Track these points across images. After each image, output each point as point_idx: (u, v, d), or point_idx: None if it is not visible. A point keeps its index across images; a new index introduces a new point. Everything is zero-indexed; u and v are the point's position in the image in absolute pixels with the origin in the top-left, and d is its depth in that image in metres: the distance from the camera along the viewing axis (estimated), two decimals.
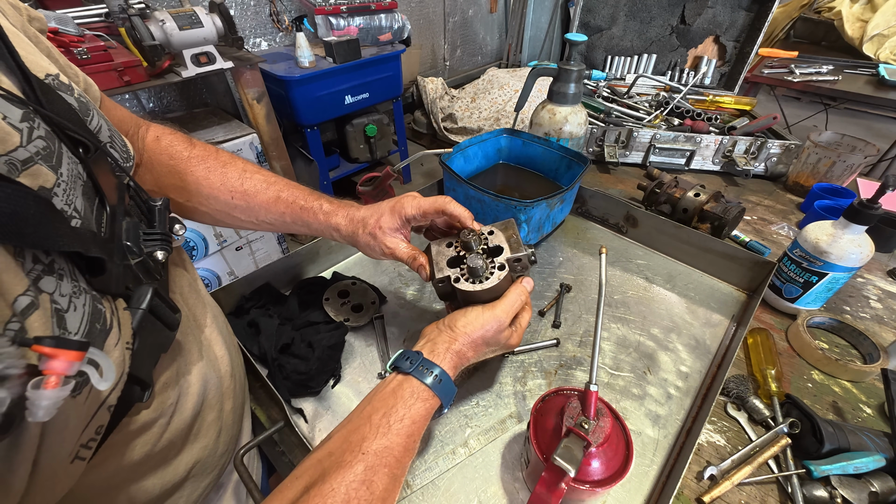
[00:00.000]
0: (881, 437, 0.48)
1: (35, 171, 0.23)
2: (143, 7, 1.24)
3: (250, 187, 0.50)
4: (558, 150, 0.86)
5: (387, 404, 0.38)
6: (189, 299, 0.42)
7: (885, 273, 0.78)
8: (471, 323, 0.44)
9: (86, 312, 0.25)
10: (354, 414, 0.39)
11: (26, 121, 0.24)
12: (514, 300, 0.46)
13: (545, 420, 0.43)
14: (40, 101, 0.26)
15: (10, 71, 0.25)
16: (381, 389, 0.40)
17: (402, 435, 0.37)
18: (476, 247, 0.48)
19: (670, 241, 0.79)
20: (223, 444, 0.44)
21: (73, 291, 0.24)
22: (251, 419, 0.55)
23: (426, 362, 0.41)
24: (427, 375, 0.40)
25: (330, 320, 0.63)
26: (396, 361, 0.42)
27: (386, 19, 2.09)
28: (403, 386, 0.40)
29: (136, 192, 0.35)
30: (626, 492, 0.47)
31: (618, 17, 1.43)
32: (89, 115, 0.32)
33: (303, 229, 0.52)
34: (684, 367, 0.60)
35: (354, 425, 0.37)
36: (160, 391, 0.35)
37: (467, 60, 3.42)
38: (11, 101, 0.23)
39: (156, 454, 0.35)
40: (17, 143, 0.23)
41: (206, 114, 1.73)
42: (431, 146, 2.83)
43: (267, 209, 0.50)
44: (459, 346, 0.43)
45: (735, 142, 1.02)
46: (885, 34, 2.14)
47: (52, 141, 0.26)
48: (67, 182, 0.26)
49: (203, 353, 0.41)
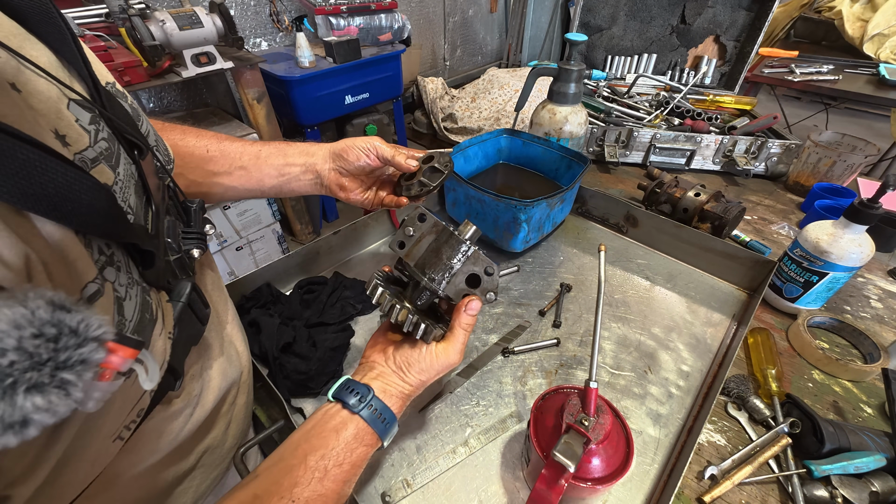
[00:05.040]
0: (882, 436, 0.48)
1: (100, 170, 0.25)
2: (143, 7, 1.24)
3: (225, 143, 0.53)
4: (558, 149, 0.86)
5: (326, 444, 0.35)
6: (213, 296, 0.43)
7: (886, 273, 0.78)
8: (425, 371, 0.41)
9: (137, 303, 0.27)
10: (288, 450, 0.36)
11: (94, 123, 0.26)
12: (464, 337, 0.42)
13: (545, 418, 0.43)
14: (104, 106, 0.28)
15: (81, 78, 0.27)
16: (322, 425, 0.37)
17: (338, 482, 0.34)
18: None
19: (671, 240, 0.79)
20: (231, 438, 0.45)
21: (128, 282, 0.26)
22: (252, 419, 0.55)
23: (377, 402, 0.38)
24: (376, 419, 0.37)
25: (338, 322, 0.63)
26: (340, 393, 0.38)
27: (386, 19, 2.09)
28: (348, 426, 0.36)
29: (174, 193, 0.37)
30: (627, 491, 0.47)
31: (618, 17, 1.43)
32: (140, 121, 0.34)
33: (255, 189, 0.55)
34: (685, 367, 0.60)
35: (287, 465, 0.34)
36: (187, 382, 0.36)
37: (467, 60, 3.42)
38: (83, 105, 0.26)
39: (179, 444, 0.36)
40: (87, 144, 0.25)
41: (206, 114, 1.74)
42: (431, 146, 2.83)
43: (242, 151, 0.53)
44: (411, 390, 0.41)
45: (735, 141, 1.02)
46: (885, 34, 2.14)
47: (113, 143, 0.28)
48: (123, 181, 0.28)
49: (224, 348, 0.42)
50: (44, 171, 0.19)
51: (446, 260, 0.42)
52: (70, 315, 0.18)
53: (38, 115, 0.22)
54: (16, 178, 0.18)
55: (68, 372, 0.17)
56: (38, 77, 0.23)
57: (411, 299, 0.44)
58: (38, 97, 0.22)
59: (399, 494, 0.47)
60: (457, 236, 0.42)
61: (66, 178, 0.20)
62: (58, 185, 0.20)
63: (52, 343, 0.17)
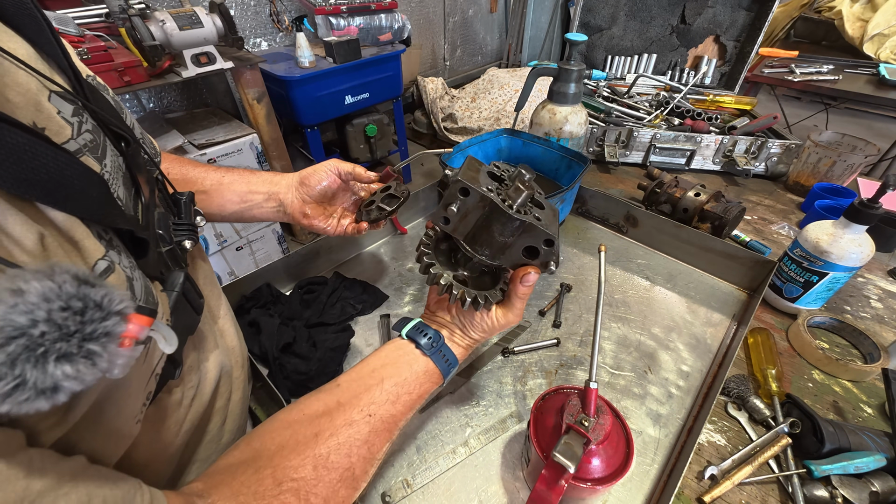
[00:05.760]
0: (882, 436, 0.48)
1: (84, 161, 0.25)
2: (143, 7, 1.23)
3: (187, 167, 0.55)
4: (558, 149, 0.86)
5: (399, 373, 0.40)
6: (206, 289, 0.43)
7: (886, 273, 0.77)
8: (487, 331, 0.44)
9: (143, 284, 0.27)
10: (366, 371, 0.40)
11: (77, 115, 0.26)
12: (522, 304, 0.44)
13: (545, 418, 0.43)
14: (87, 98, 0.28)
15: (61, 70, 0.27)
16: (397, 357, 0.41)
17: (406, 407, 0.39)
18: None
19: (671, 240, 0.79)
20: (227, 433, 0.45)
21: (130, 265, 0.27)
22: (251, 419, 0.55)
23: (446, 349, 0.42)
24: (442, 361, 0.42)
25: (338, 322, 0.63)
26: (413, 333, 0.42)
27: (386, 19, 2.09)
28: (420, 362, 0.41)
29: (162, 186, 0.37)
30: (627, 491, 0.47)
31: (618, 17, 1.43)
32: (124, 114, 0.34)
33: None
34: (685, 367, 0.60)
35: (365, 384, 0.38)
36: (186, 373, 0.36)
37: (467, 60, 3.42)
38: (65, 97, 0.25)
39: (178, 435, 0.36)
40: (69, 136, 0.25)
41: (206, 114, 1.73)
42: (431, 146, 2.83)
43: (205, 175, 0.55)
44: (473, 343, 0.45)
45: (735, 141, 1.02)
46: (885, 34, 2.14)
47: (98, 134, 0.28)
48: (111, 172, 0.28)
49: (218, 341, 0.42)
50: (34, 156, 0.19)
51: (498, 236, 0.38)
52: (94, 290, 0.18)
53: (16, 107, 0.22)
54: (7, 163, 0.18)
55: (94, 343, 0.18)
56: (16, 69, 0.22)
57: (464, 267, 0.43)
58: (16, 89, 0.22)
59: (399, 495, 0.47)
60: (507, 212, 0.36)
61: (58, 162, 0.21)
62: (49, 170, 0.20)
63: (79, 316, 0.18)
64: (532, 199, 0.40)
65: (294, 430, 0.35)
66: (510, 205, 0.37)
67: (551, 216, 0.40)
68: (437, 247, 0.44)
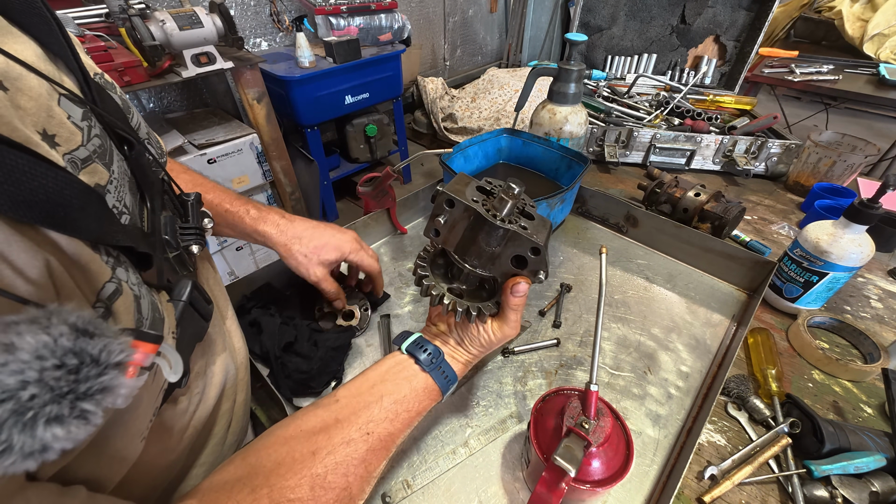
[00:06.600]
0: (882, 436, 0.48)
1: (93, 169, 0.24)
2: (143, 7, 1.24)
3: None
4: (558, 149, 0.86)
5: (399, 390, 0.39)
6: (214, 291, 0.43)
7: (886, 273, 0.77)
8: (484, 345, 0.44)
9: (149, 301, 0.27)
10: (365, 387, 0.39)
11: (86, 119, 0.25)
12: (516, 315, 0.44)
13: (546, 420, 0.43)
14: (95, 100, 0.27)
15: (70, 71, 0.26)
16: (396, 373, 0.41)
17: (405, 424, 0.39)
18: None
19: (671, 240, 0.79)
20: (232, 436, 0.45)
21: (137, 281, 0.26)
22: (252, 419, 0.55)
23: (446, 365, 0.42)
24: (442, 377, 0.41)
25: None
26: (413, 349, 0.42)
27: (386, 19, 2.09)
28: (419, 379, 0.41)
29: (168, 187, 0.36)
30: (627, 491, 0.47)
31: (618, 17, 1.43)
32: (130, 113, 0.33)
33: (228, 231, 0.55)
34: (685, 367, 0.60)
35: (364, 400, 0.38)
36: (192, 379, 0.36)
37: (467, 60, 3.42)
38: (73, 100, 0.24)
39: (182, 442, 0.36)
40: (80, 142, 0.24)
41: (206, 114, 1.73)
42: (431, 146, 2.83)
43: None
44: (472, 358, 0.45)
45: (735, 141, 1.02)
46: (885, 34, 2.14)
47: (105, 139, 0.27)
48: (118, 179, 0.27)
49: (225, 344, 0.42)
50: (33, 177, 0.18)
51: (484, 246, 0.39)
52: (92, 342, 0.18)
53: (26, 114, 0.21)
54: (4, 185, 0.17)
55: (88, 402, 0.17)
56: (27, 73, 0.22)
57: (459, 280, 0.43)
58: (28, 94, 0.21)
59: (399, 495, 0.47)
60: (491, 221, 0.37)
61: (57, 182, 0.20)
62: (48, 190, 0.19)
63: (73, 375, 0.17)
64: (522, 211, 0.41)
65: (291, 447, 0.34)
66: (494, 214, 0.38)
67: (540, 226, 0.40)
68: (433, 261, 0.45)
